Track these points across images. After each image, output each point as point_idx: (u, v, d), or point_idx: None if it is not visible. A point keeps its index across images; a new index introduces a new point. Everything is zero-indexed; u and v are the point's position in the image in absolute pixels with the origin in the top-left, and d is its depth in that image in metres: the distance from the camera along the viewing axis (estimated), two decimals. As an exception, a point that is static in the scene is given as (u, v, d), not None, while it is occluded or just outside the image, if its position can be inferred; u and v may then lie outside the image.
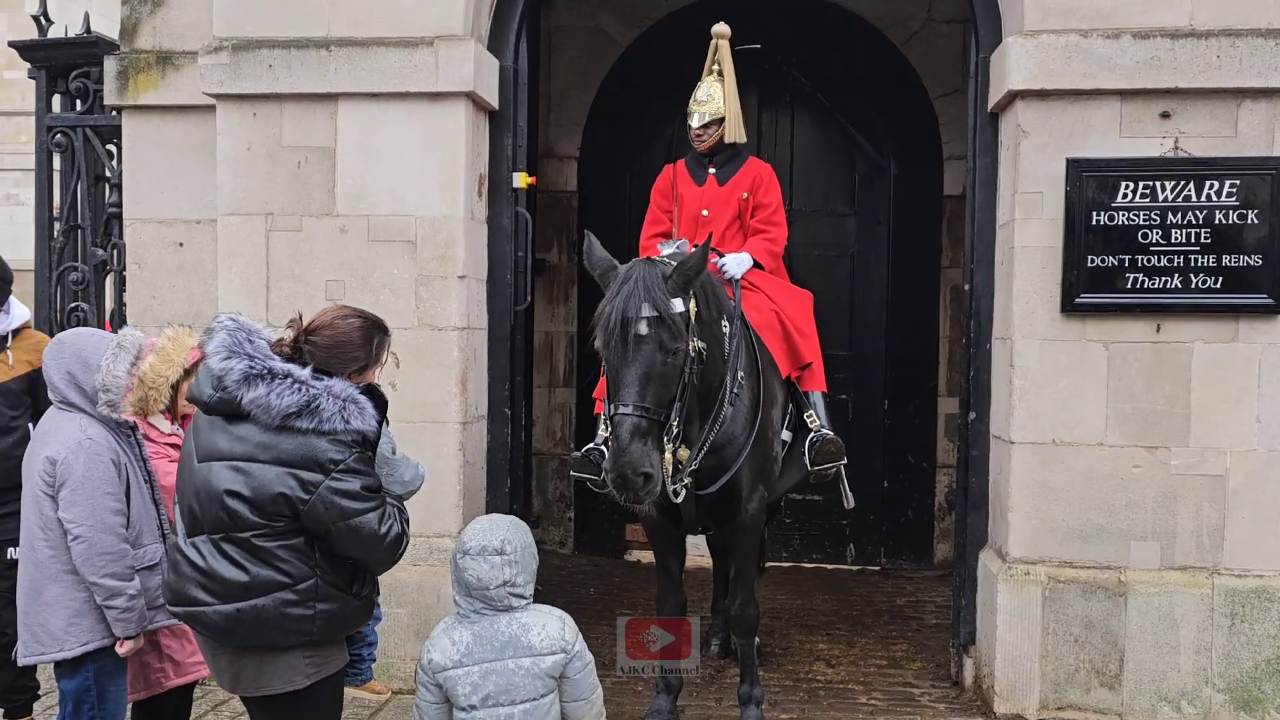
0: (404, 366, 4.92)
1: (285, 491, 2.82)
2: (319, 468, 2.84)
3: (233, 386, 2.86)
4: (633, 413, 3.64)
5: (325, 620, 2.93)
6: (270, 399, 2.83)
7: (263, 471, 2.84)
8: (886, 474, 7.50)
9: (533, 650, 2.97)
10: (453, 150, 4.93)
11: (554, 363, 7.88)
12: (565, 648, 2.99)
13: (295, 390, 2.85)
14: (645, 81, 7.39)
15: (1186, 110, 4.61)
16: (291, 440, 2.84)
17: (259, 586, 2.86)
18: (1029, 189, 4.71)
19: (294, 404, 2.84)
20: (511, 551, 2.99)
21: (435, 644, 3.03)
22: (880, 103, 7.48)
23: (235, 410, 2.87)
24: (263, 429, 2.86)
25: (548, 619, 3.02)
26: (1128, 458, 4.70)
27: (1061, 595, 4.71)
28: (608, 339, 3.72)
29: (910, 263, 7.45)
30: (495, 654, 2.96)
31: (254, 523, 2.85)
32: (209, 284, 5.27)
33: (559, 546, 7.84)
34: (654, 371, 3.68)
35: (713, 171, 5.05)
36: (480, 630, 2.99)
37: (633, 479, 3.60)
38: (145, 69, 5.41)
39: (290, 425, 2.84)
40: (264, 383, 2.85)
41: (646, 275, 3.74)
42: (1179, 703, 4.67)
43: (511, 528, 3.07)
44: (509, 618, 2.99)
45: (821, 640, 5.91)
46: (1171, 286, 4.64)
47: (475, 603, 3.01)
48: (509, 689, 2.94)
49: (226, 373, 2.87)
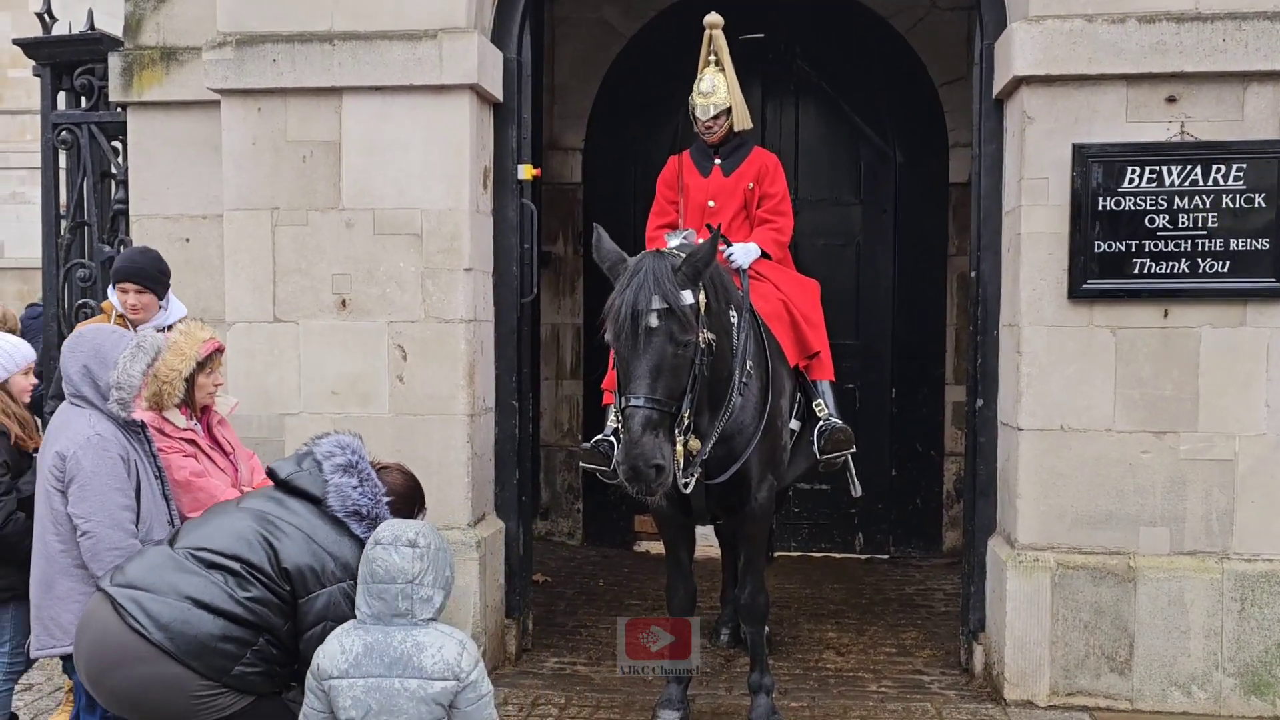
0: (412, 359, 4.98)
1: (313, 566, 3.11)
2: (344, 570, 3.14)
3: (330, 469, 3.27)
4: (644, 405, 3.64)
5: (248, 669, 3.05)
6: (353, 493, 3.24)
7: (302, 541, 3.14)
8: (894, 462, 7.50)
9: (422, 672, 2.81)
10: (457, 143, 4.93)
11: (561, 355, 7.88)
12: (458, 675, 2.82)
13: (374, 500, 3.27)
14: (649, 73, 7.38)
15: (1193, 94, 4.60)
16: (337, 535, 3.20)
17: (217, 607, 3.03)
18: (1035, 175, 4.70)
19: (365, 506, 3.24)
20: (424, 546, 2.94)
21: (325, 649, 2.91)
22: (885, 91, 7.46)
23: (307, 489, 3.25)
24: (317, 514, 3.22)
25: (446, 642, 2.87)
26: (1136, 443, 4.70)
27: (1071, 581, 4.71)
28: (618, 331, 3.73)
29: (916, 251, 7.44)
30: (383, 670, 2.81)
31: (262, 569, 3.08)
32: (216, 279, 5.28)
33: (568, 538, 7.86)
34: (665, 364, 3.69)
35: (718, 162, 5.04)
36: (373, 642, 2.85)
37: (645, 471, 3.61)
38: (149, 65, 5.41)
39: (347, 523, 3.21)
40: (355, 477, 3.27)
41: (656, 267, 3.74)
42: (1189, 687, 4.68)
43: (427, 528, 3.06)
44: (404, 633, 2.85)
45: (831, 629, 5.92)
46: (1179, 271, 4.63)
47: (375, 604, 2.89)
48: (391, 710, 2.78)
49: (331, 456, 3.29)
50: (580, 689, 4.98)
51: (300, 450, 3.44)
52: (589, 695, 4.90)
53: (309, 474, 3.28)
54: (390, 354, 4.98)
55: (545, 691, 4.95)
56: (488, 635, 5.09)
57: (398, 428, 4.95)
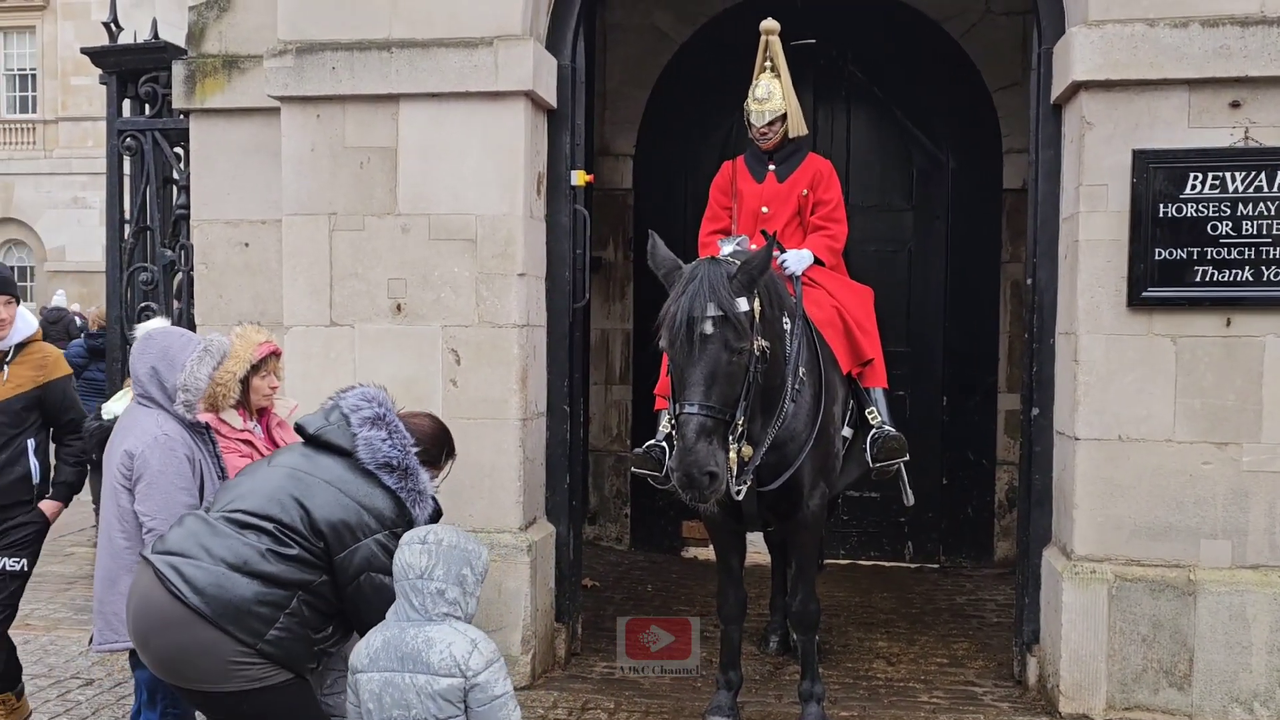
0: (465, 363, 5.02)
1: (347, 520, 3.12)
2: (379, 521, 3.16)
3: (357, 422, 3.25)
4: (698, 412, 3.65)
5: (280, 635, 3.04)
6: (383, 445, 3.22)
7: (335, 496, 3.14)
8: (945, 471, 7.43)
9: (429, 668, 2.81)
10: (512, 149, 4.97)
11: (610, 360, 7.91)
12: (464, 673, 2.80)
13: (403, 451, 3.25)
14: (700, 79, 7.39)
15: (1257, 99, 4.51)
16: (369, 487, 3.19)
17: (252, 569, 3.04)
18: (1094, 181, 4.64)
19: (396, 458, 3.23)
20: (433, 542, 2.95)
21: (357, 646, 2.97)
22: (938, 96, 7.40)
23: (336, 444, 3.23)
24: (348, 468, 3.20)
25: (456, 639, 2.85)
26: (1197, 454, 4.61)
27: (1128, 594, 4.64)
28: (673, 339, 3.74)
29: (969, 258, 7.37)
30: (396, 665, 2.84)
31: (295, 528, 3.08)
32: (274, 283, 5.36)
33: (615, 543, 7.87)
34: (720, 371, 3.69)
35: (772, 168, 5.03)
36: (390, 637, 2.88)
37: (699, 478, 3.61)
38: (212, 73, 5.52)
39: (378, 475, 3.20)
40: (384, 429, 3.26)
41: (711, 274, 3.75)
42: (1251, 704, 4.58)
43: (447, 528, 3.06)
44: (418, 629, 2.86)
45: (881, 638, 5.87)
46: (1242, 279, 4.54)
47: (400, 602, 2.94)
48: (403, 704, 2.79)
49: (358, 409, 3.28)
50: (629, 694, 4.98)
51: (327, 404, 3.43)
52: (638, 700, 4.90)
53: (337, 428, 3.27)
54: (444, 358, 5.02)
55: (594, 696, 4.96)
56: (538, 639, 5.12)
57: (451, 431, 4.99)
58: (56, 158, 27.33)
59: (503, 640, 4.94)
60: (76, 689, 5.07)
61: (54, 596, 6.56)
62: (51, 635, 5.84)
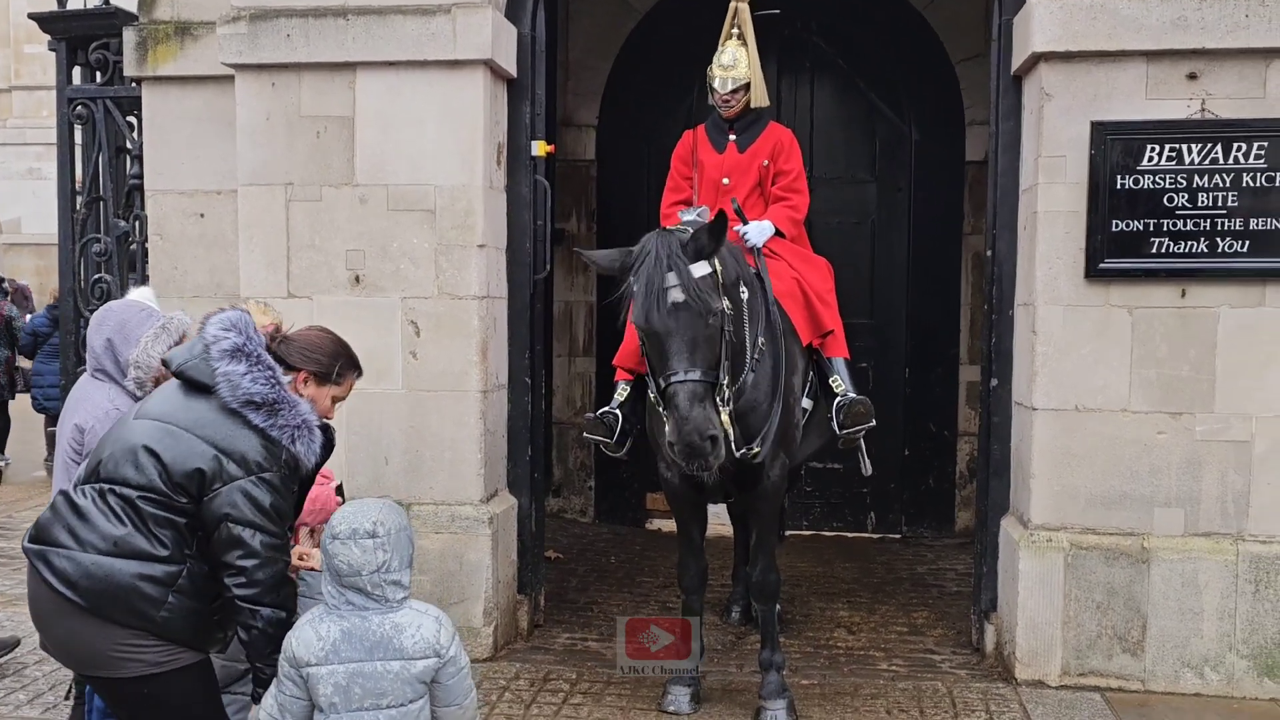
0: (425, 336, 4.98)
1: (203, 468, 2.78)
2: (243, 465, 2.80)
3: (216, 355, 2.85)
4: (686, 378, 3.65)
5: (173, 613, 2.79)
6: (243, 380, 2.83)
7: (190, 443, 2.80)
8: (907, 442, 7.49)
9: (405, 653, 2.75)
10: (471, 119, 4.92)
11: (574, 332, 7.88)
12: (439, 651, 2.78)
13: (269, 384, 2.85)
14: (664, 49, 7.33)
15: (1214, 71, 4.54)
16: (233, 428, 2.82)
17: (127, 548, 2.76)
18: (1052, 153, 4.66)
19: (260, 394, 2.84)
20: (385, 534, 2.76)
21: (299, 636, 2.78)
22: (901, 68, 7.40)
23: (201, 381, 2.85)
24: (213, 407, 2.84)
25: (423, 620, 2.80)
26: (1152, 424, 4.67)
27: (1084, 562, 4.70)
28: (646, 312, 3.73)
29: (931, 229, 7.40)
30: (364, 654, 2.74)
31: (154, 486, 2.77)
32: (230, 254, 5.29)
33: (580, 515, 7.88)
34: (699, 335, 3.71)
35: (733, 138, 5.01)
36: (350, 627, 2.76)
37: (700, 444, 3.60)
38: (164, 40, 5.41)
39: (243, 414, 2.83)
40: (245, 363, 2.85)
41: (665, 244, 3.77)
42: (1202, 669, 4.67)
43: (384, 509, 2.84)
44: (381, 617, 2.76)
45: (842, 607, 5.93)
46: (1198, 251, 4.59)
47: (347, 593, 2.77)
48: (377, 692, 2.73)
49: (217, 340, 2.86)
50: (592, 664, 5.00)
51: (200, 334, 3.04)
52: (600, 671, 4.92)
53: (200, 361, 2.89)
54: (403, 330, 4.98)
55: (557, 667, 4.97)
56: (500, 611, 5.12)
57: (411, 404, 4.97)
58: (10, 128, 26.70)
59: (464, 612, 4.95)
60: (33, 664, 5.02)
61: (11, 574, 6.48)
62: (8, 611, 5.77)
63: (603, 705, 4.56)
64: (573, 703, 4.58)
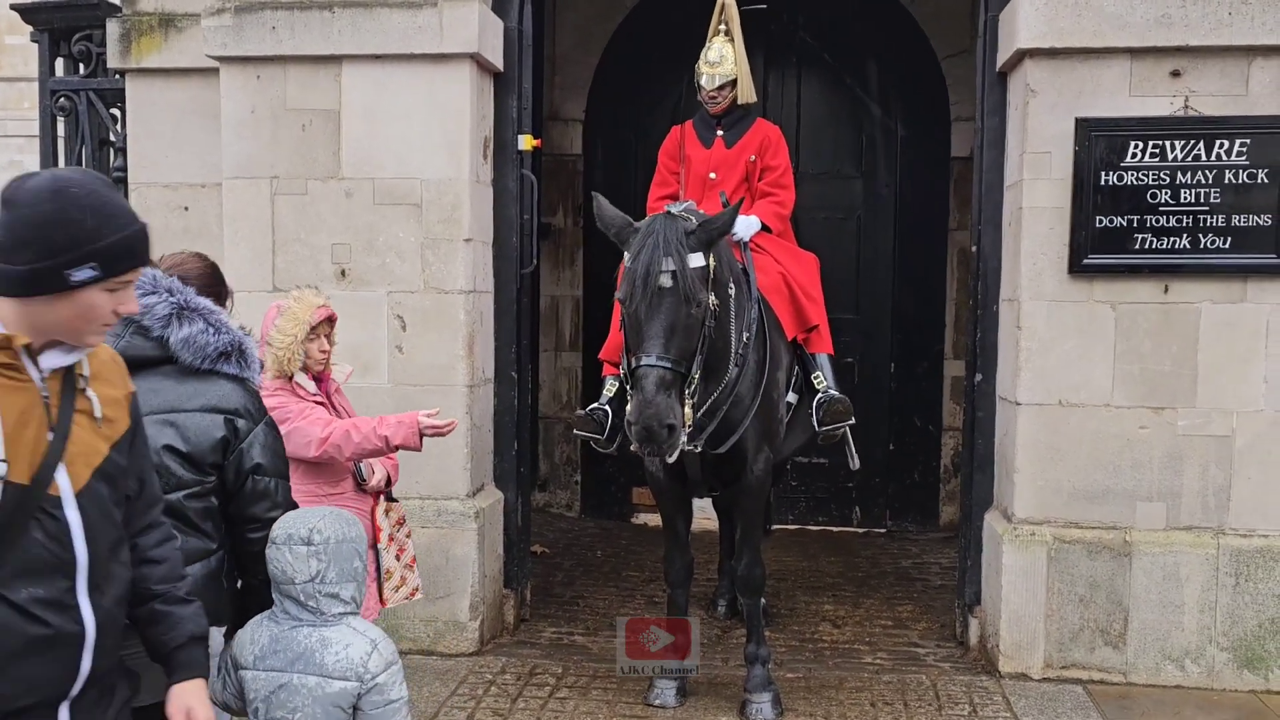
0: (411, 330, 4.97)
1: (222, 435, 2.60)
2: (248, 416, 2.65)
3: (157, 326, 2.58)
4: (657, 364, 3.68)
5: (233, 599, 2.67)
6: (205, 338, 2.59)
7: (197, 420, 2.59)
8: (892, 437, 7.52)
9: (323, 670, 2.56)
10: (457, 112, 4.91)
11: (560, 327, 7.88)
12: (361, 676, 2.55)
13: (221, 330, 2.63)
14: (651, 44, 7.33)
15: (1197, 68, 4.57)
16: (220, 386, 2.62)
17: (191, 554, 2.53)
18: (1037, 149, 4.68)
19: (225, 344, 2.62)
20: (320, 543, 2.58)
21: (240, 637, 2.67)
22: (888, 64, 7.42)
23: (148, 356, 2.57)
24: (180, 376, 2.60)
25: (354, 640, 2.59)
26: (1134, 418, 4.70)
27: (1066, 555, 4.73)
28: (631, 292, 3.75)
29: (917, 225, 7.42)
30: (285, 665, 2.58)
31: (188, 480, 2.59)
32: (215, 248, 5.21)
33: (566, 510, 7.88)
34: (679, 324, 3.73)
35: (720, 133, 5.02)
36: (279, 634, 2.60)
37: (658, 431, 3.64)
38: (148, 31, 5.37)
39: (219, 369, 2.62)
40: (192, 321, 2.60)
41: (669, 229, 3.78)
42: (1183, 661, 4.70)
43: (327, 518, 2.65)
44: (311, 629, 2.59)
45: (827, 601, 5.95)
46: (1180, 247, 4.62)
47: (284, 601, 2.61)
48: (289, 707, 2.56)
49: (147, 311, 2.56)
50: (578, 658, 5.01)
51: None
52: (586, 665, 4.93)
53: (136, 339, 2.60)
54: (389, 324, 4.97)
55: (543, 661, 4.98)
56: (486, 605, 5.12)
57: (397, 398, 4.95)
58: (-8, 120, 26.53)
59: (450, 607, 4.95)
60: None
61: None
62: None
63: (589, 699, 4.57)
64: (559, 697, 4.59)
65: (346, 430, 3.61)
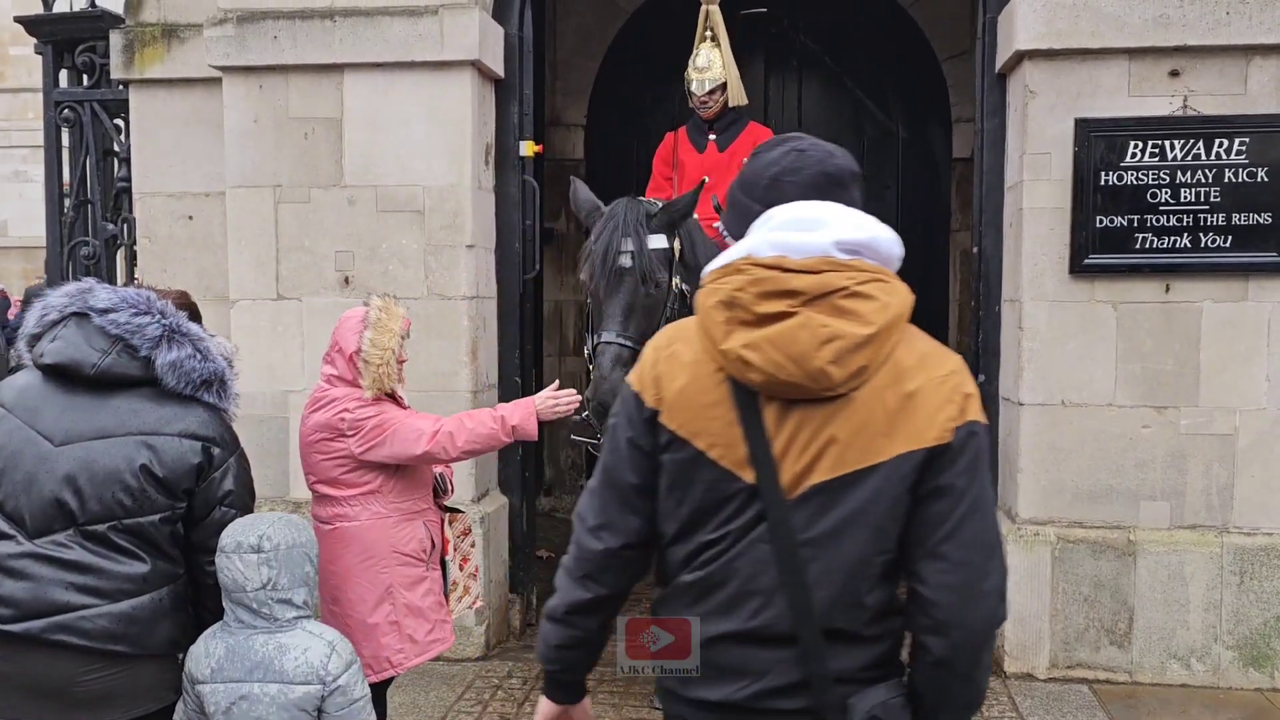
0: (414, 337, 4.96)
1: (198, 462, 2.56)
2: (224, 445, 2.61)
3: (145, 346, 2.52)
4: (615, 340, 3.75)
5: (198, 626, 2.65)
6: (192, 364, 2.55)
7: (175, 445, 2.54)
8: (896, 438, 7.51)
9: (284, 677, 2.54)
10: (459, 119, 4.93)
11: (563, 332, 7.90)
12: (323, 679, 2.55)
13: (207, 358, 2.60)
14: (652, 48, 7.34)
15: (1196, 68, 4.58)
16: (198, 413, 2.58)
17: (157, 577, 2.52)
18: (1037, 150, 4.70)
19: (209, 372, 2.58)
20: (271, 550, 2.55)
21: (194, 651, 2.63)
22: (888, 66, 7.44)
23: (130, 376, 2.53)
24: (159, 399, 2.55)
25: (313, 644, 2.58)
26: (1137, 418, 4.71)
27: (1071, 555, 4.74)
28: (592, 272, 3.84)
29: (919, 226, 7.38)
30: (244, 675, 2.55)
31: (162, 504, 2.53)
32: (219, 256, 5.29)
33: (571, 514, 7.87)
34: (637, 303, 3.81)
35: (713, 137, 5.05)
36: (235, 645, 2.57)
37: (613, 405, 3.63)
38: (151, 42, 5.41)
39: (199, 396, 2.58)
40: (180, 345, 2.55)
41: (629, 211, 3.87)
42: (1188, 660, 4.71)
43: (276, 524, 2.61)
44: (267, 636, 2.57)
45: (833, 603, 5.95)
46: (1181, 246, 4.63)
47: (236, 610, 2.58)
48: (253, 716, 2.54)
49: (137, 330, 2.52)
50: (584, 662, 5.01)
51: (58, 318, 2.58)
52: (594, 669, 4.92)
53: (121, 357, 2.54)
54: (393, 331, 4.98)
55: (549, 665, 4.98)
56: (492, 610, 5.13)
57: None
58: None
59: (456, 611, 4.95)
60: None
61: None
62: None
63: (595, 702, 4.54)
64: (565, 700, 4.59)
65: (459, 418, 3.43)
